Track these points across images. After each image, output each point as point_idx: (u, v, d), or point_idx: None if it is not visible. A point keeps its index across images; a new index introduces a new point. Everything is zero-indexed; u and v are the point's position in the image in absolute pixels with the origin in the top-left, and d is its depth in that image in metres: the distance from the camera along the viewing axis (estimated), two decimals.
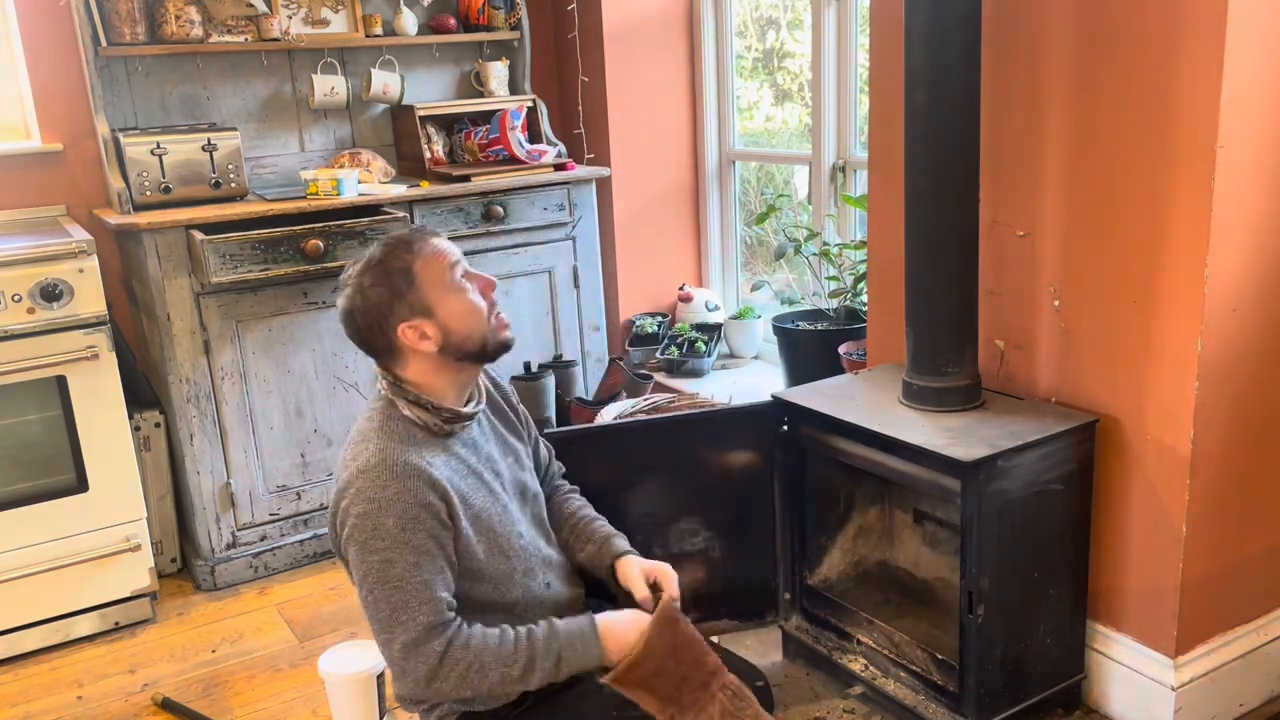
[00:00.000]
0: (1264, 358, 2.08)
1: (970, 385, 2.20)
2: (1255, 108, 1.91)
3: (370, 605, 1.60)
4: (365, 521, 1.57)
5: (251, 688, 2.57)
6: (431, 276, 1.64)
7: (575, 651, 1.63)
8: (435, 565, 1.60)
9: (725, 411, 2.68)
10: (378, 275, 1.64)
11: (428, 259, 1.65)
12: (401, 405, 1.66)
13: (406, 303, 1.63)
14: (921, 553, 2.52)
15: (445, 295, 1.65)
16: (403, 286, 1.63)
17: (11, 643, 2.74)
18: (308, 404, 3.10)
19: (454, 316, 1.65)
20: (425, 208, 3.18)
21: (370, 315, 1.64)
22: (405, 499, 1.57)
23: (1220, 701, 2.20)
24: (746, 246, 4.24)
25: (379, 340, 1.66)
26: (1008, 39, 2.21)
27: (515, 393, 1.94)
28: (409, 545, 1.57)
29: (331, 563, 3.18)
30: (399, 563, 1.57)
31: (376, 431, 1.64)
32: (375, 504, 1.57)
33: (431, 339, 1.64)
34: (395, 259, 1.64)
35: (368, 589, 1.59)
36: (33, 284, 2.62)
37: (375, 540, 1.57)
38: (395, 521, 1.56)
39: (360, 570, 1.59)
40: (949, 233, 2.12)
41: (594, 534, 1.91)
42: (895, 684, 2.25)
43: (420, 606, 1.57)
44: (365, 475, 1.59)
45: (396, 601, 1.57)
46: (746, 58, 4.07)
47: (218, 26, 3.23)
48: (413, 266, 1.63)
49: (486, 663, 1.59)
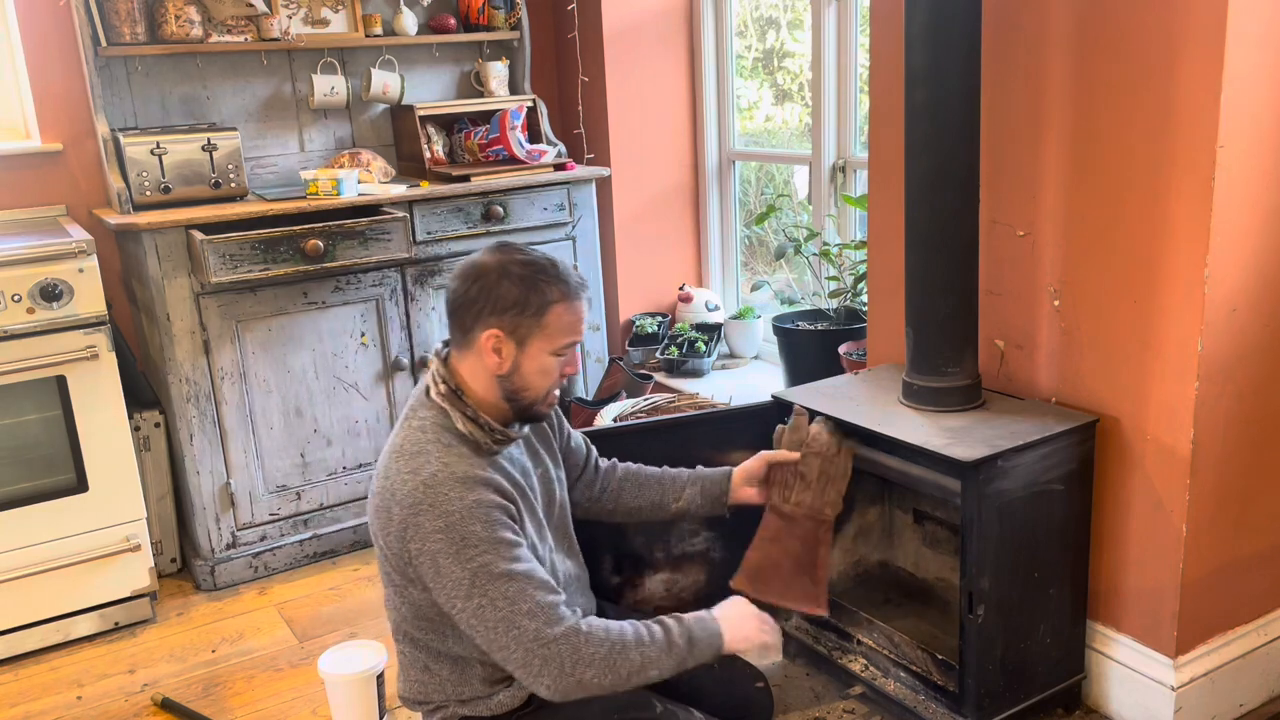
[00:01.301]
0: (1264, 358, 2.08)
1: (970, 385, 2.20)
2: (1255, 108, 1.91)
3: (484, 610, 1.56)
4: (452, 534, 1.56)
5: (251, 688, 2.57)
6: (553, 327, 1.64)
7: (701, 640, 1.65)
8: (527, 553, 1.61)
9: (725, 411, 2.68)
10: (528, 278, 1.63)
11: (567, 313, 1.65)
12: (457, 419, 1.65)
13: (517, 319, 1.63)
14: (921, 553, 2.52)
15: (543, 347, 1.65)
16: (530, 306, 1.62)
17: (11, 643, 2.74)
18: (308, 404, 3.10)
19: (531, 367, 1.66)
20: (425, 208, 3.18)
21: (487, 294, 1.62)
22: (484, 504, 1.58)
23: (1220, 701, 2.20)
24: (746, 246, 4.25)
25: (468, 317, 1.64)
26: (1008, 39, 2.21)
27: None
28: (502, 542, 1.58)
29: (331, 563, 3.18)
30: (499, 561, 1.56)
31: (434, 444, 1.63)
32: (457, 515, 1.56)
33: (500, 362, 1.65)
34: (551, 286, 1.64)
35: (477, 594, 1.56)
36: (33, 284, 2.62)
37: (468, 549, 1.56)
38: (482, 526, 1.57)
39: (462, 581, 1.57)
40: (949, 233, 2.12)
41: (685, 480, 1.99)
42: (895, 684, 2.25)
43: (535, 590, 1.57)
44: (435, 490, 1.58)
45: (511, 593, 1.56)
46: (746, 57, 4.07)
47: (218, 26, 3.23)
48: (554, 306, 1.64)
49: (628, 642, 1.59)
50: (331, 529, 3.21)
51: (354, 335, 3.14)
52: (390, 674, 2.39)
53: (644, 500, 1.98)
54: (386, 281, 3.15)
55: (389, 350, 3.19)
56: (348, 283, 3.09)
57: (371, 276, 3.12)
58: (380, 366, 3.20)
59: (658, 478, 1.99)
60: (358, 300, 3.12)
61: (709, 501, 1.97)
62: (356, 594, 3.00)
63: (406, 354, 3.22)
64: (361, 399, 3.18)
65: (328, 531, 3.20)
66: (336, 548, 3.23)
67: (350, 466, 3.21)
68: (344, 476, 3.20)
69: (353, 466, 3.21)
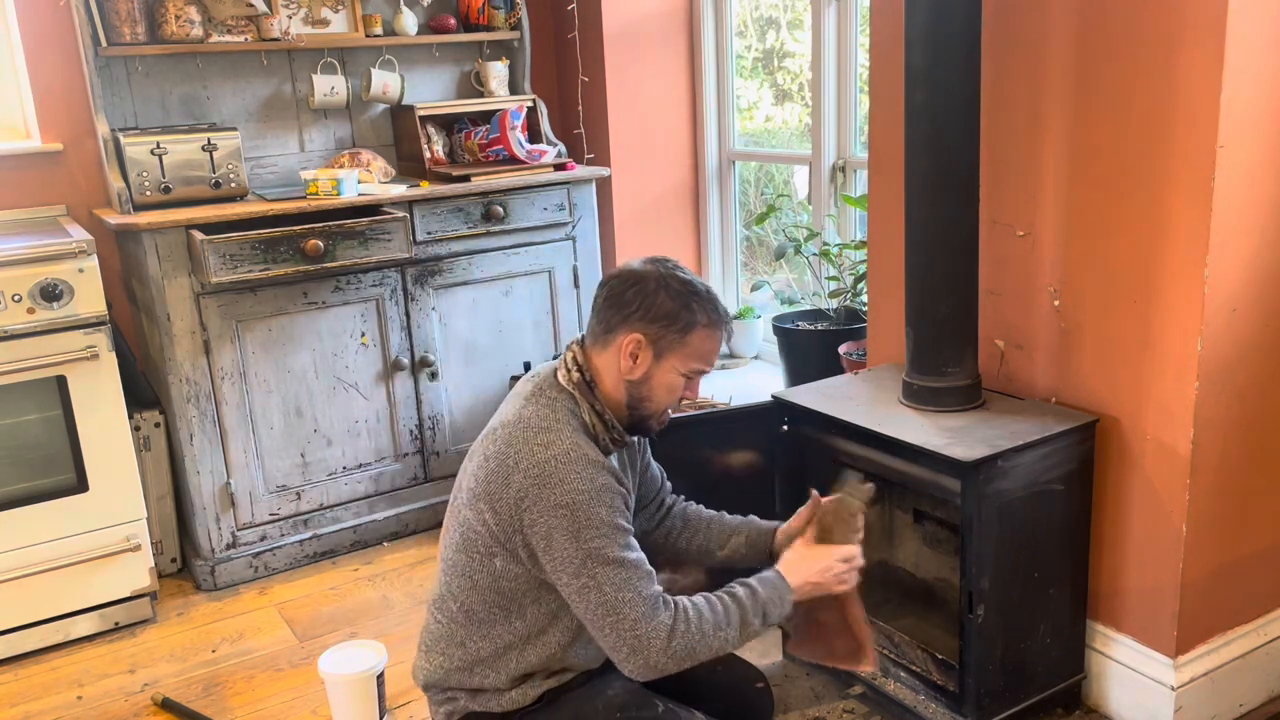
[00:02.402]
0: (1264, 358, 2.08)
1: (970, 385, 2.20)
2: (1255, 108, 1.91)
3: (590, 590, 1.60)
4: (578, 512, 1.60)
5: (251, 688, 2.57)
6: (693, 348, 1.69)
7: (775, 604, 1.71)
8: (637, 544, 1.66)
9: (725, 411, 2.68)
10: (684, 295, 1.68)
11: (708, 339, 1.70)
12: (584, 409, 1.70)
13: (663, 331, 1.68)
14: (921, 553, 2.52)
15: (677, 365, 1.70)
16: (679, 322, 1.68)
17: (11, 643, 2.74)
18: (308, 404, 3.10)
19: (661, 380, 1.71)
20: (425, 208, 3.18)
21: (642, 299, 1.68)
22: (610, 490, 1.63)
23: (1220, 701, 2.20)
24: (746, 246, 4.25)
25: (617, 317, 1.69)
26: (1008, 38, 2.21)
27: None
28: (620, 529, 1.63)
29: (331, 562, 3.19)
30: (614, 545, 1.61)
31: (565, 424, 1.67)
32: (585, 495, 1.60)
33: (633, 368, 1.70)
34: (702, 310, 1.69)
35: (587, 575, 1.60)
36: (33, 284, 2.62)
37: (589, 529, 1.60)
38: (606, 511, 1.61)
39: (575, 559, 1.60)
40: (949, 233, 2.12)
41: (735, 528, 1.99)
42: (895, 684, 2.25)
43: (642, 581, 1.62)
44: (567, 466, 1.61)
45: (620, 580, 1.60)
46: (746, 58, 4.07)
47: (218, 26, 3.23)
48: (699, 328, 1.69)
49: (707, 630, 1.64)
50: (331, 529, 3.21)
51: (354, 335, 3.14)
52: (391, 674, 2.39)
53: (694, 544, 2.01)
54: (386, 281, 3.15)
55: (389, 350, 3.19)
56: (348, 283, 3.09)
57: (371, 276, 3.12)
58: (380, 366, 3.20)
59: (708, 522, 2.01)
60: (358, 300, 3.12)
61: (754, 553, 1.98)
62: (356, 594, 3.00)
63: (406, 354, 3.22)
64: (362, 399, 3.18)
65: (328, 531, 3.20)
66: (336, 548, 3.23)
67: (350, 466, 3.21)
68: (344, 476, 3.20)
69: (353, 466, 3.21)
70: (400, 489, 3.30)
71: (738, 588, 1.70)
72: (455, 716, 1.76)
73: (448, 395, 3.32)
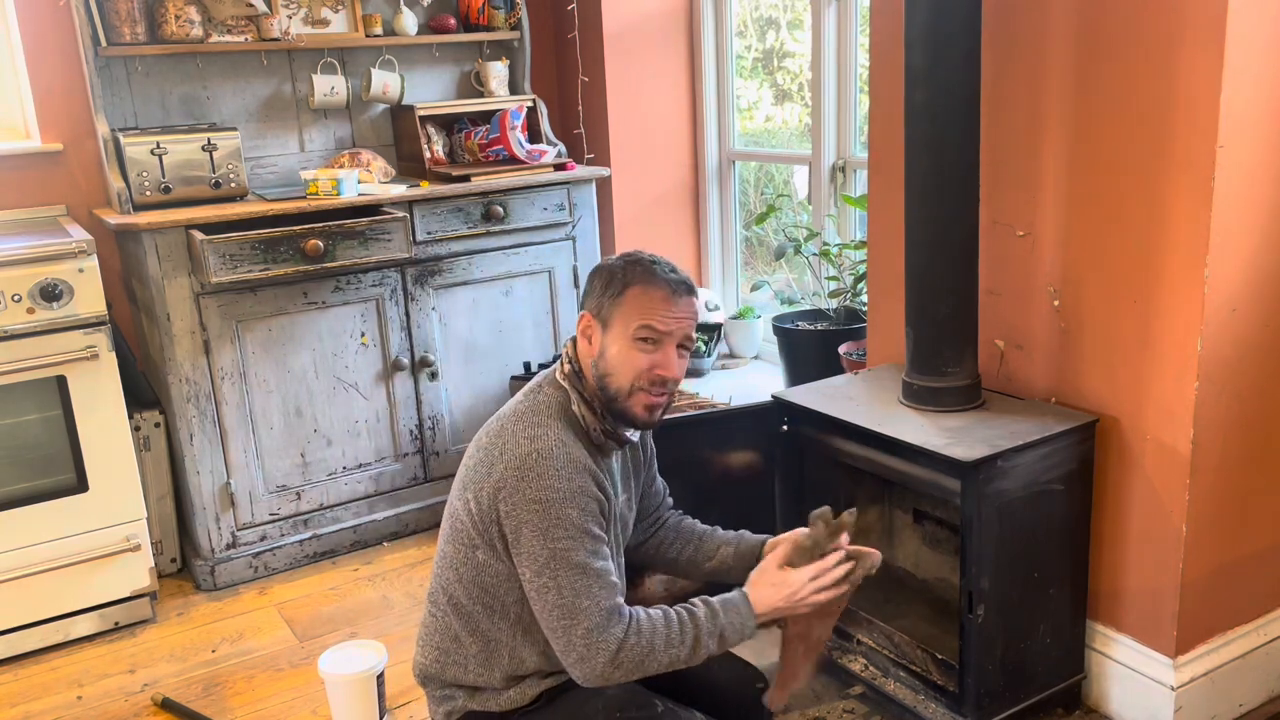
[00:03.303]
0: (1264, 358, 2.08)
1: (970, 385, 2.20)
2: (1255, 108, 1.91)
3: (550, 591, 1.60)
4: (549, 510, 1.59)
5: (251, 688, 2.57)
6: (626, 306, 1.68)
7: (734, 629, 1.67)
8: (606, 550, 1.64)
9: (725, 411, 2.68)
10: (622, 267, 1.70)
11: (643, 295, 1.68)
12: (575, 401, 1.70)
13: (601, 300, 1.69)
14: (921, 553, 2.52)
15: (622, 329, 1.68)
16: (613, 287, 1.69)
17: (11, 643, 2.74)
18: (308, 404, 3.10)
19: (613, 350, 1.69)
20: (425, 208, 3.18)
21: (590, 283, 1.73)
22: (585, 492, 1.62)
23: (1220, 701, 2.20)
24: (746, 246, 4.25)
25: (580, 308, 1.76)
26: (1008, 38, 2.21)
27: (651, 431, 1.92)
28: (589, 534, 1.61)
29: (331, 562, 3.19)
30: (580, 550, 1.59)
31: (554, 417, 1.67)
32: (559, 494, 1.59)
33: (591, 347, 1.71)
34: (635, 271, 1.69)
35: (548, 575, 1.59)
36: (33, 284, 2.62)
37: (558, 529, 1.59)
38: (578, 513, 1.60)
39: (539, 557, 1.60)
40: (949, 233, 2.12)
41: (723, 539, 1.94)
42: (895, 684, 2.25)
43: (601, 591, 1.60)
44: (547, 461, 1.61)
45: (579, 587, 1.59)
46: (746, 58, 4.07)
47: (218, 26, 3.23)
48: (632, 286, 1.68)
49: (658, 646, 1.62)
50: (331, 529, 3.21)
51: (354, 335, 3.14)
52: (391, 674, 2.39)
53: (683, 556, 1.98)
54: (386, 281, 3.15)
55: (389, 350, 3.19)
56: (348, 283, 3.09)
57: (371, 276, 3.12)
58: (380, 366, 3.20)
59: (700, 535, 1.98)
60: (358, 300, 3.12)
61: (741, 565, 1.91)
62: (356, 594, 3.00)
63: (406, 354, 3.22)
64: (362, 399, 3.18)
65: (328, 531, 3.20)
66: (336, 548, 3.23)
67: (350, 466, 3.21)
68: (344, 476, 3.20)
69: (353, 466, 3.21)
70: (400, 489, 3.30)
71: (699, 606, 1.67)
72: (454, 715, 1.75)
73: (448, 395, 3.32)
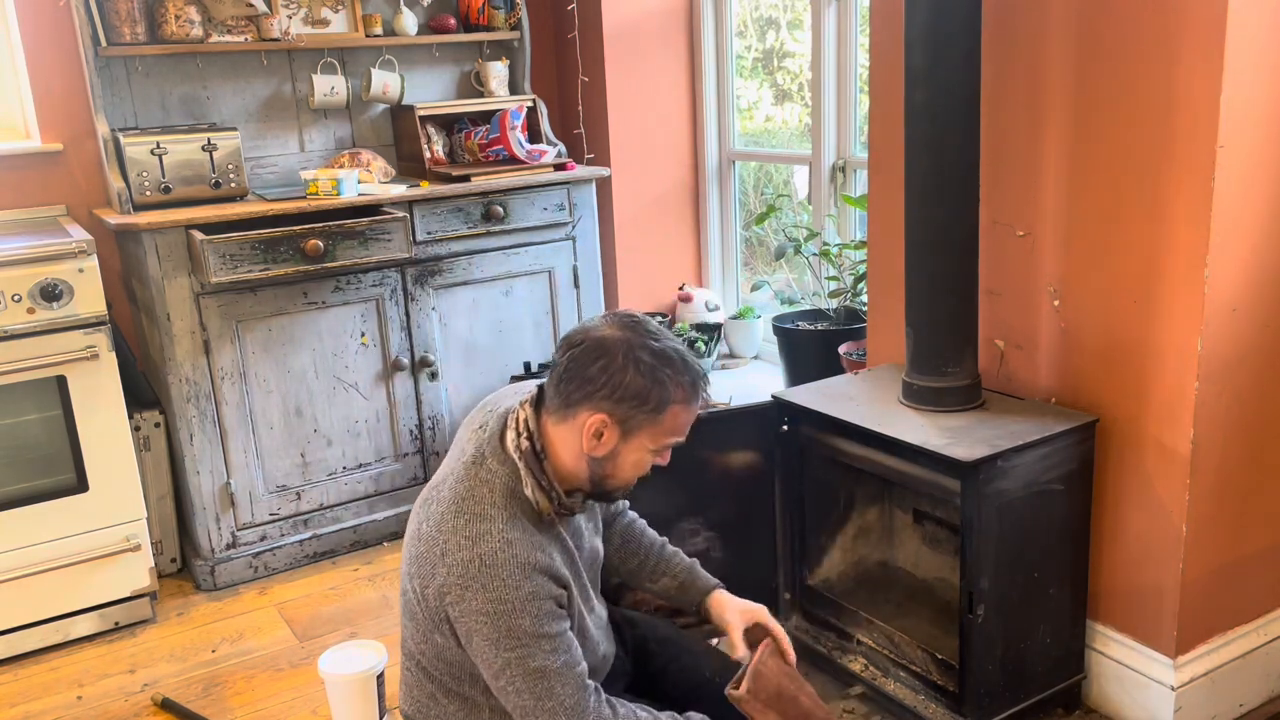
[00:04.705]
0: (1264, 358, 2.08)
1: (970, 385, 2.20)
2: (1255, 108, 1.91)
3: (511, 694, 1.55)
4: (499, 622, 1.51)
5: (251, 688, 2.57)
6: (666, 426, 1.57)
7: None
8: (567, 642, 1.57)
9: (725, 411, 2.68)
10: (655, 370, 1.53)
11: (683, 414, 1.58)
12: (527, 483, 1.58)
13: (631, 414, 1.54)
14: (921, 553, 2.52)
15: (647, 444, 1.58)
16: (650, 402, 1.54)
17: (11, 643, 2.74)
18: (308, 404, 3.10)
19: (629, 459, 1.60)
20: (425, 208, 3.18)
21: (609, 378, 1.53)
22: (539, 598, 1.53)
23: (1220, 701, 2.20)
24: (746, 246, 4.25)
25: (578, 393, 1.54)
26: (1008, 38, 2.21)
27: None
28: (545, 637, 1.53)
29: (331, 563, 3.18)
30: (537, 654, 1.53)
31: (502, 512, 1.55)
32: (507, 605, 1.51)
33: (597, 446, 1.57)
34: (676, 385, 1.55)
35: (506, 680, 1.54)
36: (33, 284, 2.62)
37: (509, 639, 1.52)
38: (531, 622, 1.52)
39: (494, 664, 1.54)
40: (949, 233, 2.12)
41: (671, 567, 1.88)
42: (895, 684, 2.25)
43: (563, 689, 1.54)
44: (491, 571, 1.51)
45: (540, 690, 1.53)
46: (746, 58, 4.07)
47: (218, 26, 3.23)
48: (673, 406, 1.56)
49: None
50: (331, 529, 3.21)
51: (354, 335, 3.14)
52: (391, 674, 2.39)
53: (626, 566, 1.92)
54: (387, 281, 3.15)
55: (389, 350, 3.20)
56: (348, 283, 3.09)
57: (371, 276, 3.12)
58: (380, 366, 3.20)
59: (647, 551, 1.91)
60: (358, 300, 3.12)
61: (682, 600, 1.89)
62: (356, 594, 3.00)
63: (406, 354, 3.22)
64: (362, 399, 3.18)
65: (328, 531, 3.20)
66: (336, 548, 3.23)
67: (350, 466, 3.21)
68: (344, 476, 3.20)
69: (353, 466, 3.21)
70: (400, 489, 3.30)
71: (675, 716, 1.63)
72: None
73: (448, 395, 3.32)
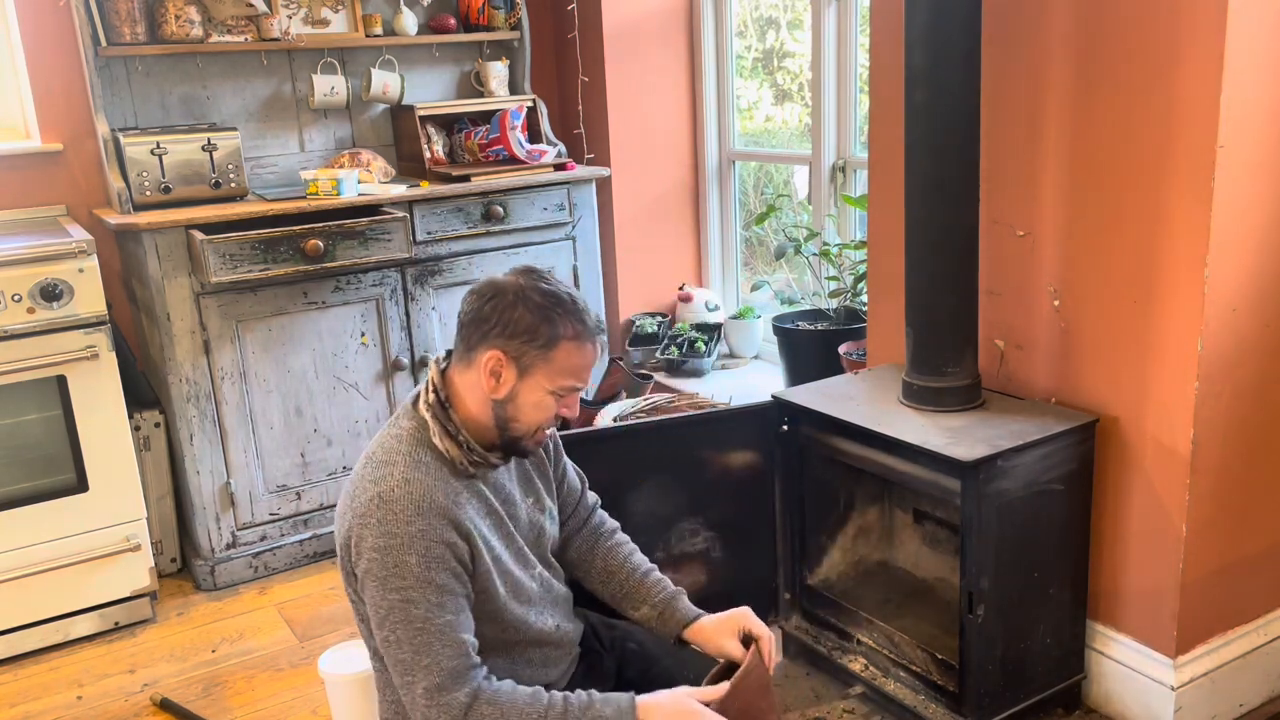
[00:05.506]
0: (1264, 358, 2.08)
1: (970, 385, 2.20)
2: (1255, 108, 1.91)
3: (391, 645, 1.52)
4: (386, 558, 1.50)
5: (251, 688, 2.57)
6: (559, 364, 1.57)
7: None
8: (458, 605, 1.54)
9: (725, 412, 2.68)
10: (545, 308, 1.55)
11: (576, 353, 1.58)
12: (436, 433, 1.59)
13: (524, 347, 1.56)
14: (921, 553, 2.52)
15: (543, 383, 1.58)
16: (540, 337, 1.55)
17: (11, 643, 2.74)
18: (308, 404, 3.10)
19: (528, 399, 1.59)
20: (425, 208, 3.18)
21: (499, 315, 1.56)
22: (429, 536, 1.51)
23: (1220, 701, 2.20)
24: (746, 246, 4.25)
25: (475, 334, 1.58)
26: (1008, 38, 2.21)
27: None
28: (432, 584, 1.50)
29: (331, 562, 3.18)
30: (421, 602, 1.50)
31: (405, 458, 1.57)
32: (397, 539, 1.50)
33: (497, 387, 1.58)
34: (566, 322, 1.56)
35: (389, 628, 1.51)
36: (33, 284, 2.62)
37: (396, 578, 1.50)
38: (418, 560, 1.50)
39: (380, 608, 1.52)
40: (949, 233, 2.12)
41: (651, 594, 1.81)
42: (895, 684, 2.25)
43: (444, 649, 1.51)
44: (387, 507, 1.52)
45: (419, 644, 1.50)
46: (746, 58, 4.07)
47: (218, 26, 3.23)
48: (564, 342, 1.56)
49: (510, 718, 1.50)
50: (331, 529, 3.20)
51: (354, 335, 3.14)
52: None
53: (606, 590, 1.86)
54: (386, 281, 3.15)
55: (389, 350, 3.20)
56: (348, 283, 3.09)
57: (371, 276, 3.12)
58: (380, 366, 3.20)
59: (627, 575, 1.84)
60: (358, 300, 3.12)
61: (662, 631, 1.82)
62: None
63: (406, 354, 3.22)
64: (362, 399, 3.18)
65: (328, 531, 3.20)
66: None
67: (350, 466, 3.20)
68: (344, 476, 3.20)
69: (353, 466, 3.21)
70: None
71: (577, 695, 1.54)
72: None
73: None
